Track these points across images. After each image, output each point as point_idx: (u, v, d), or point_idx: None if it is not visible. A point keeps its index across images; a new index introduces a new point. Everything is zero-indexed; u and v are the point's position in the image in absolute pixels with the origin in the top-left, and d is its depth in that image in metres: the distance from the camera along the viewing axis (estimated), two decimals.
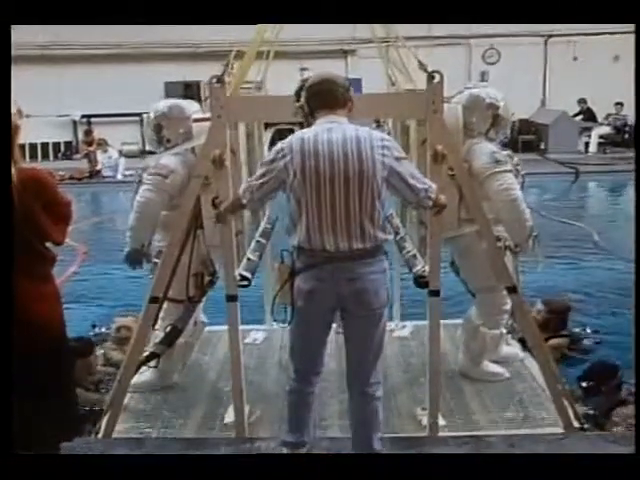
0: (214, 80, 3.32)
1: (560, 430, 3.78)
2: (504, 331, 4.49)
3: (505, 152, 4.22)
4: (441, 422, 3.73)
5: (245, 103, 3.63)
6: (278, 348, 4.93)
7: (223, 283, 3.64)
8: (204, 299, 4.27)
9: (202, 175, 3.50)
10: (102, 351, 5.03)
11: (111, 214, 12.16)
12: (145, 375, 4.29)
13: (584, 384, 4.34)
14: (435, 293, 3.56)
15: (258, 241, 4.36)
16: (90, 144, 15.73)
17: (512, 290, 3.78)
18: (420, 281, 3.62)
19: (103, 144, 15.20)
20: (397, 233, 4.38)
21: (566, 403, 3.85)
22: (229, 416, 3.87)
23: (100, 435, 3.74)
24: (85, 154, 15.72)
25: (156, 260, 4.01)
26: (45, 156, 17.54)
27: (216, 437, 3.77)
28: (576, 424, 3.82)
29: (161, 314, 3.92)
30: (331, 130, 2.88)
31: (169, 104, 4.35)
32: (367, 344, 3.04)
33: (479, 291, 4.35)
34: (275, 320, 3.20)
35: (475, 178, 3.99)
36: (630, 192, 12.12)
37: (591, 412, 4.20)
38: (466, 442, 3.54)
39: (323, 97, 2.97)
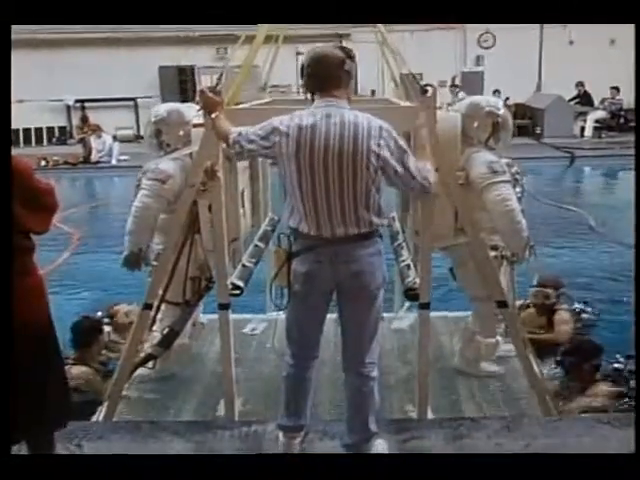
0: (207, 91, 3.27)
1: None
2: (500, 339, 4.48)
3: (505, 160, 4.21)
4: (430, 417, 3.73)
5: (239, 114, 3.53)
6: (274, 337, 4.92)
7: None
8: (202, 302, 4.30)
9: (195, 185, 3.50)
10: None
11: (106, 199, 12.15)
12: (142, 370, 4.27)
13: (568, 359, 4.36)
14: (425, 306, 3.58)
15: (256, 246, 4.34)
16: (85, 131, 15.65)
17: (502, 304, 3.79)
18: (410, 293, 3.65)
19: (97, 130, 15.12)
20: (396, 239, 4.38)
21: (549, 402, 3.88)
22: (221, 408, 3.88)
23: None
24: (80, 139, 15.66)
25: (155, 263, 4.03)
26: (39, 141, 17.49)
27: (214, 420, 3.79)
28: None
29: (159, 316, 3.94)
30: (330, 116, 2.85)
31: (168, 109, 4.33)
32: (363, 325, 3.05)
33: (475, 299, 4.36)
34: (275, 305, 3.21)
35: (473, 188, 4.00)
36: (625, 176, 12.15)
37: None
38: (461, 424, 3.56)
39: (317, 80, 2.92)
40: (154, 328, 3.95)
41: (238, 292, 3.68)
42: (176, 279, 3.81)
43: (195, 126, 3.74)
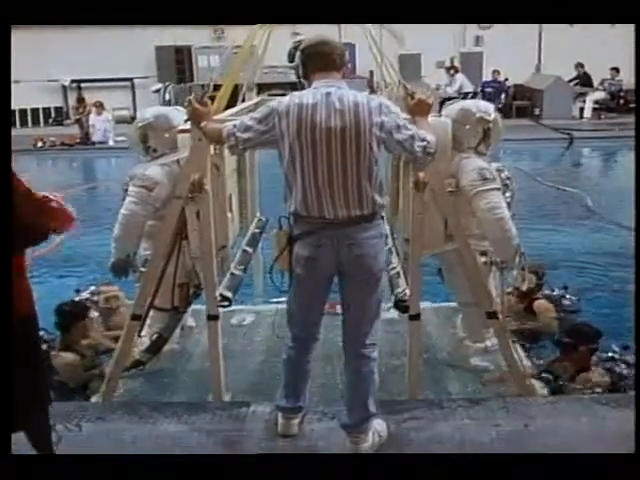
0: (195, 102, 3.22)
1: None
2: (489, 344, 4.40)
3: (495, 165, 4.18)
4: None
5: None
6: (265, 330, 4.90)
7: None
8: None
9: (182, 197, 3.49)
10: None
11: (103, 180, 12.09)
12: None
13: (565, 339, 4.32)
14: (415, 317, 3.58)
15: (245, 251, 4.29)
16: (82, 111, 15.53)
17: (492, 315, 3.75)
18: (400, 305, 3.66)
19: (99, 106, 14.96)
20: (385, 243, 4.36)
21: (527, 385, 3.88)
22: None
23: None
24: (76, 120, 15.55)
25: (142, 269, 4.02)
26: (35, 122, 17.39)
27: (212, 401, 3.74)
28: None
29: (148, 321, 3.92)
30: (329, 95, 2.84)
31: (156, 113, 4.29)
32: (365, 307, 3.04)
33: (464, 305, 4.33)
34: (273, 282, 3.21)
35: (463, 194, 3.98)
36: (624, 158, 12.13)
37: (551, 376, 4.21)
38: (460, 405, 3.57)
39: (319, 59, 2.93)
40: (143, 334, 3.92)
41: (227, 303, 3.70)
42: (164, 285, 3.79)
43: (181, 132, 3.69)
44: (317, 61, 2.94)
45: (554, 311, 5.14)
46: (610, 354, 4.29)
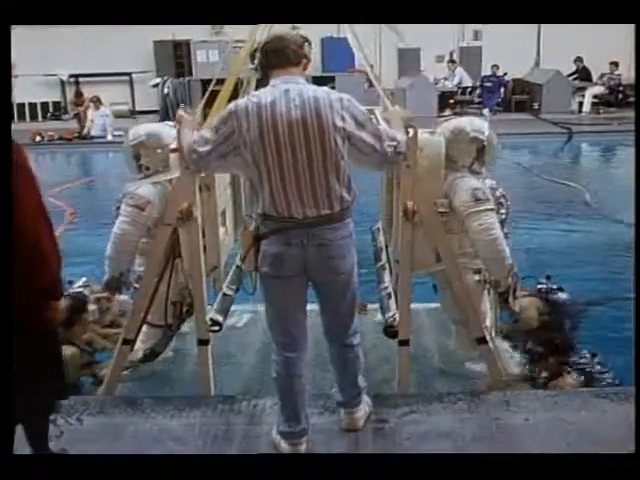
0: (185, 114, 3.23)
1: None
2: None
3: (489, 183, 4.15)
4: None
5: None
6: (260, 331, 4.79)
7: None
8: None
9: (171, 224, 3.49)
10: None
11: (101, 174, 12.07)
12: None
13: (537, 349, 4.25)
14: (404, 342, 3.57)
15: (238, 267, 4.22)
16: (80, 105, 15.47)
17: (481, 341, 3.74)
18: (389, 330, 3.65)
19: (96, 102, 14.91)
20: (379, 259, 4.32)
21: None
22: None
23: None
24: (75, 114, 15.50)
25: (136, 285, 4.03)
26: (33, 116, 17.35)
27: (214, 395, 3.72)
28: None
29: (141, 336, 3.93)
30: (288, 92, 2.79)
31: (147, 132, 4.24)
32: (340, 306, 3.04)
33: (456, 322, 4.31)
34: (242, 288, 3.20)
35: (456, 214, 3.97)
36: (622, 152, 12.12)
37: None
38: (460, 399, 3.58)
39: (274, 56, 2.89)
40: (136, 347, 3.91)
41: (217, 328, 3.69)
42: (157, 302, 3.80)
43: (173, 151, 3.63)
44: (273, 58, 2.90)
45: (536, 308, 5.07)
46: (582, 360, 4.21)
